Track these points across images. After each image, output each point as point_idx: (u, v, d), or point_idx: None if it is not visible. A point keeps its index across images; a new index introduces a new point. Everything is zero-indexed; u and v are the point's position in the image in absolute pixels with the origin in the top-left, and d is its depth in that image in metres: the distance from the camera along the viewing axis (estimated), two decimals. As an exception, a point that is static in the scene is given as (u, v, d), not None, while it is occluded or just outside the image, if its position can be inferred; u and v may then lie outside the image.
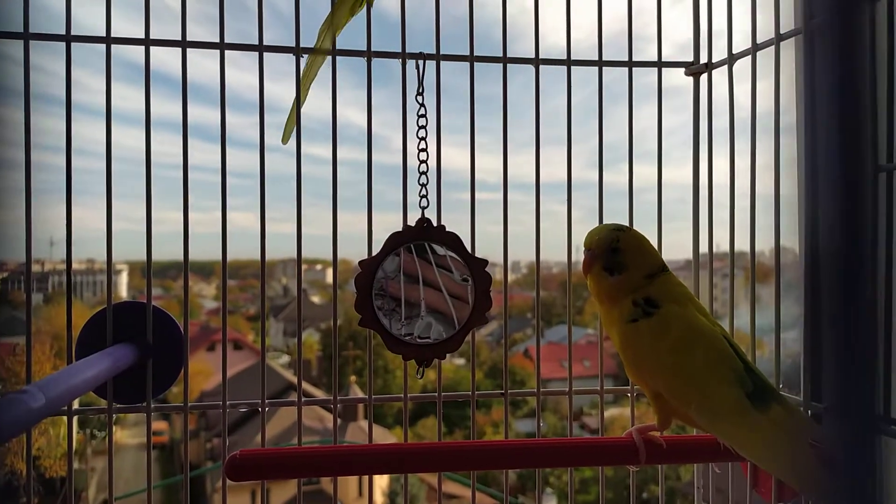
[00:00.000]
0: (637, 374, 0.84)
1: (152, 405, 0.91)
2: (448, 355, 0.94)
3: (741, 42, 0.96)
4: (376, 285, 0.92)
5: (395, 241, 0.93)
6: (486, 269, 0.94)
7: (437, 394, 0.96)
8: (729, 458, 0.86)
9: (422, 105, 0.95)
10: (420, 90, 0.95)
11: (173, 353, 0.92)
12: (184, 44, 0.90)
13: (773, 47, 0.89)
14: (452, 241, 0.94)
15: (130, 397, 0.91)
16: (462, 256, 0.93)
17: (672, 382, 0.80)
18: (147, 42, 0.89)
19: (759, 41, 0.93)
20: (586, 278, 0.86)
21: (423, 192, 0.94)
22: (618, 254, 0.83)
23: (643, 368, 0.82)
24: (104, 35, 0.88)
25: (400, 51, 0.95)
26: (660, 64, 1.04)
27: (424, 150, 0.95)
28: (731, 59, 0.98)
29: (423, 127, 0.94)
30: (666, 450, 0.85)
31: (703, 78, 1.05)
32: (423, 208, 0.94)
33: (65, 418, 0.89)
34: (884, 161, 0.77)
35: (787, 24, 0.89)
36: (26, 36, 0.85)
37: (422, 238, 0.93)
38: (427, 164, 0.94)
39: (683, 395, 0.79)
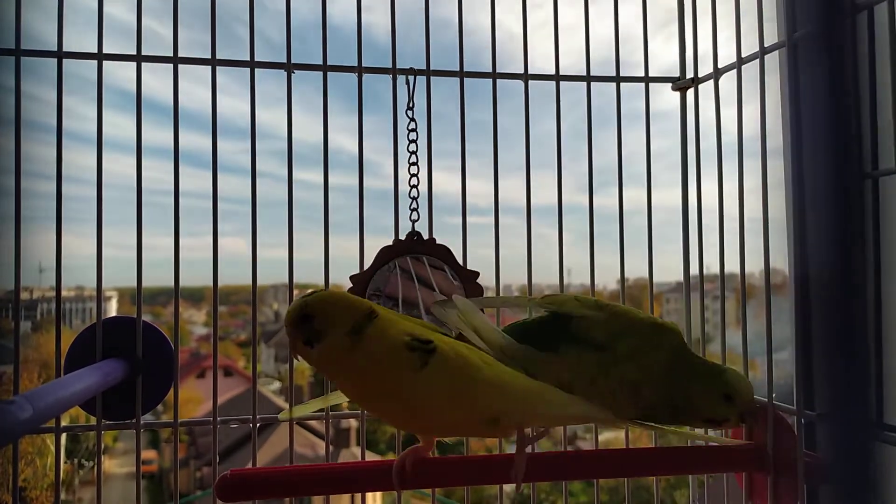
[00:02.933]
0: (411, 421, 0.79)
1: (141, 422, 0.90)
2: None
3: (728, 58, 0.98)
4: (371, 287, 0.92)
5: (386, 254, 0.93)
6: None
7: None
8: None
9: (412, 119, 0.96)
10: (410, 104, 0.96)
11: (163, 369, 0.91)
12: (175, 60, 0.90)
13: (758, 61, 0.91)
14: (443, 253, 0.94)
15: (119, 415, 0.90)
16: (453, 268, 0.94)
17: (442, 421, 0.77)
18: (139, 58, 0.89)
19: (743, 55, 0.94)
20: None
21: (414, 205, 0.95)
22: (311, 321, 0.74)
23: (415, 417, 0.77)
24: (95, 52, 0.88)
25: (390, 67, 0.96)
26: (647, 79, 1.05)
27: (415, 163, 0.95)
28: (717, 73, 0.99)
29: (414, 141, 0.95)
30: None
31: (690, 95, 1.06)
32: (414, 221, 0.95)
33: (52, 447, 0.88)
34: (869, 168, 0.77)
35: (771, 37, 0.90)
36: (17, 52, 0.85)
37: (412, 251, 0.93)
38: (418, 178, 0.95)
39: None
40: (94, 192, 0.87)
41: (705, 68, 1.03)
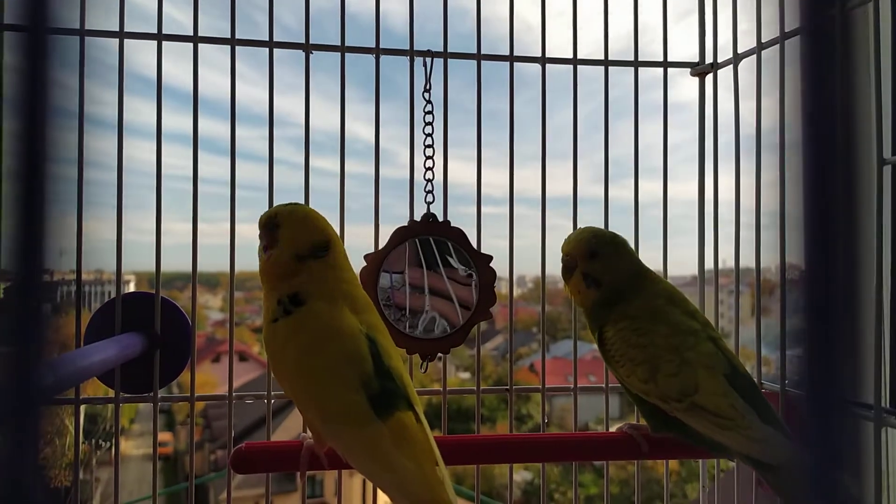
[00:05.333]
0: (278, 380, 0.77)
1: (159, 395, 0.91)
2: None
3: (748, 45, 0.97)
4: (382, 295, 0.92)
5: (401, 235, 0.94)
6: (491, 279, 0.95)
7: (442, 390, 0.97)
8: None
9: (428, 101, 0.96)
10: (427, 87, 0.96)
11: (180, 344, 0.93)
12: (196, 39, 0.92)
13: (777, 46, 0.90)
14: (458, 236, 0.94)
15: (137, 390, 0.92)
16: (467, 251, 0.94)
17: (294, 385, 0.72)
18: (159, 37, 0.91)
19: (763, 41, 0.93)
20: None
21: (430, 187, 0.96)
22: (274, 229, 0.76)
23: (276, 372, 0.75)
24: (117, 30, 0.89)
25: (408, 48, 0.96)
26: (665, 64, 1.05)
27: (431, 146, 0.96)
28: (737, 58, 0.99)
29: (430, 123, 0.96)
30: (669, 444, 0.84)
31: (709, 82, 1.05)
32: (429, 203, 0.95)
33: (70, 427, 0.90)
34: (888, 154, 0.77)
35: (792, 23, 0.89)
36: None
37: (427, 232, 0.94)
38: (433, 161, 0.96)
39: (303, 400, 0.72)
40: (115, 177, 0.89)
41: (724, 56, 1.02)
